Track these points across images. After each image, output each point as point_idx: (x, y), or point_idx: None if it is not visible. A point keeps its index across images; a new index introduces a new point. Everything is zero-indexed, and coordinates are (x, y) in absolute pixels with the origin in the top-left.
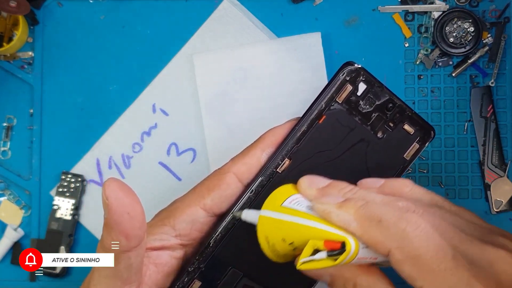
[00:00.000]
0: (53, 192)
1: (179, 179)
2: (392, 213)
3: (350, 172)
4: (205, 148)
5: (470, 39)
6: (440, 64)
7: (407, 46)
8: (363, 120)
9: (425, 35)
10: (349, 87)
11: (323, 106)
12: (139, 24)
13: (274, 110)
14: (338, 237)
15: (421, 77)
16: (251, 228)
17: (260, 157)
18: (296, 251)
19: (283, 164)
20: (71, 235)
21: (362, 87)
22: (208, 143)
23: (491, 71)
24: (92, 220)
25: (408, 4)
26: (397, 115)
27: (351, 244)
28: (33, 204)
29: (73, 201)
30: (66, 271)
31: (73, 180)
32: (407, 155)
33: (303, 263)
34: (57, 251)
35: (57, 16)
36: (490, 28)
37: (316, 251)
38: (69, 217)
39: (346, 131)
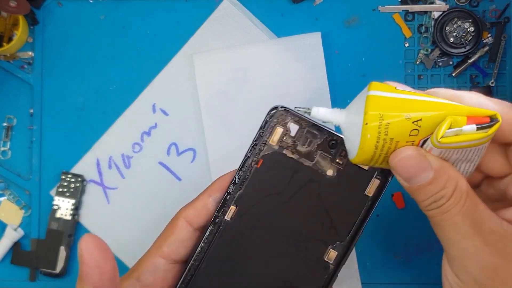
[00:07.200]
0: (53, 192)
1: (179, 179)
2: None
3: (307, 214)
4: (205, 148)
5: (470, 39)
6: (440, 64)
7: (407, 46)
8: (306, 160)
9: (425, 35)
10: (279, 129)
11: (258, 150)
12: (139, 24)
13: None
14: (485, 112)
15: (421, 77)
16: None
17: (207, 201)
18: (416, 135)
19: (229, 211)
20: (71, 235)
21: (294, 127)
22: (208, 143)
23: (491, 71)
24: (92, 220)
25: (408, 4)
26: (343, 151)
27: (500, 116)
28: (33, 204)
29: (73, 201)
30: (65, 271)
31: (73, 180)
32: (369, 191)
33: (445, 136)
34: (57, 251)
35: (57, 16)
36: (490, 28)
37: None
38: (69, 217)
39: (290, 173)
